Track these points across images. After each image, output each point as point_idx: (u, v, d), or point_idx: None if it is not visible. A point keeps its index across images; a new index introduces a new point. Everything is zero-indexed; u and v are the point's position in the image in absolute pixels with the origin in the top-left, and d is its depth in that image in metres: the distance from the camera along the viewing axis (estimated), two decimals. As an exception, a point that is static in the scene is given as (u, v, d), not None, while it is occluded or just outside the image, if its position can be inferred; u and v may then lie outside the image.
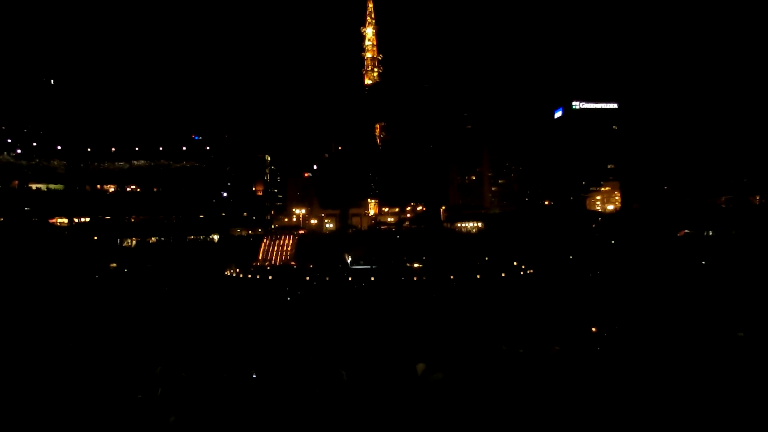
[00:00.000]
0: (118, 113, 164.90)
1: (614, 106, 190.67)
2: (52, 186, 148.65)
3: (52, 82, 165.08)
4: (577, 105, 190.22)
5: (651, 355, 14.16)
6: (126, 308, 74.51)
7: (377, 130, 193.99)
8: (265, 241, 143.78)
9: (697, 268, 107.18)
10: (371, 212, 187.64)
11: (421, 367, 12.63)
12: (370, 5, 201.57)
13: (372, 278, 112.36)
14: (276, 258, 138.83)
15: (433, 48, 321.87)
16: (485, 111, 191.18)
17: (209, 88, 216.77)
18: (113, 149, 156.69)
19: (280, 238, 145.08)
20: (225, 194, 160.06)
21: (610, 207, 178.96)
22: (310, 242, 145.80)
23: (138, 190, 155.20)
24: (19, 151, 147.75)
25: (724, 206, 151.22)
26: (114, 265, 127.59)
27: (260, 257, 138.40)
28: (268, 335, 53.65)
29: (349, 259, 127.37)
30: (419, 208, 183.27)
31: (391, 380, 12.55)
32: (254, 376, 12.97)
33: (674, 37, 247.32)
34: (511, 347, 16.46)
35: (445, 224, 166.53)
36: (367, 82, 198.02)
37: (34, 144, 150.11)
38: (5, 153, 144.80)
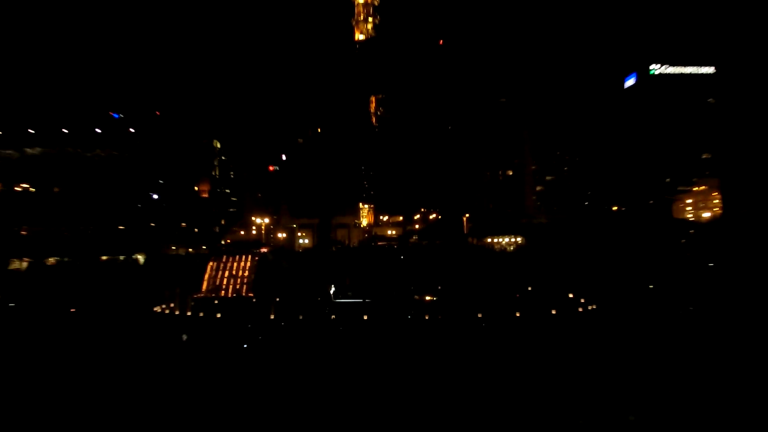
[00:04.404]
0: (4, 82, 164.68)
1: (710, 70, 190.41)
2: None
3: None
4: (656, 69, 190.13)
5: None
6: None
7: (372, 106, 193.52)
8: (211, 263, 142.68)
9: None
10: (364, 222, 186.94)
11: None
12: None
13: (365, 317, 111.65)
14: (228, 287, 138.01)
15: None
16: (526, 78, 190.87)
17: (131, 42, 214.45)
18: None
19: (233, 260, 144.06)
20: (155, 196, 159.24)
21: (707, 214, 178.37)
22: (276, 265, 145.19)
23: (31, 189, 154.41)
24: None
25: None
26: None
27: (205, 287, 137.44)
28: (212, 406, 52.84)
29: (333, 290, 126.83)
30: (432, 216, 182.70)
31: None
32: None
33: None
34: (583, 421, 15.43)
35: (469, 239, 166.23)
36: (359, 36, 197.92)
37: None
38: None
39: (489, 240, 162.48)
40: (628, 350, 77.64)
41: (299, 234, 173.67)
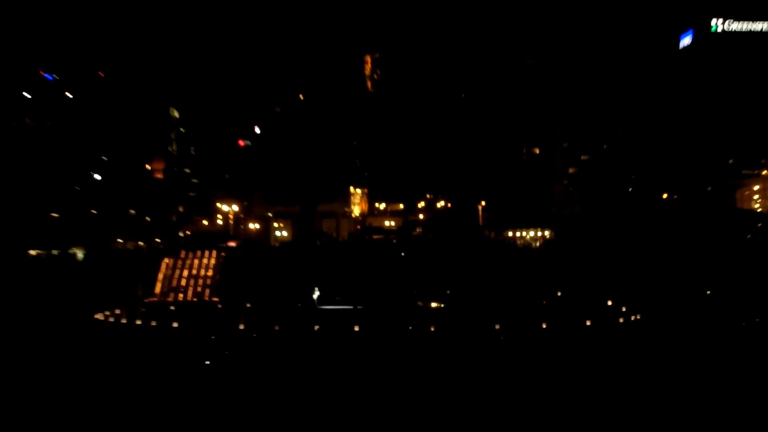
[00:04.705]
0: None
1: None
2: None
3: None
4: (719, 25, 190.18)
5: None
6: None
7: (367, 67, 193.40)
8: (167, 260, 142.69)
9: None
10: (356, 211, 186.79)
11: None
12: None
13: (356, 327, 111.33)
14: (187, 290, 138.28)
15: None
16: (557, 34, 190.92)
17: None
18: None
19: (194, 256, 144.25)
20: (97, 176, 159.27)
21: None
22: (246, 263, 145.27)
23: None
24: None
25: None
26: None
27: (158, 289, 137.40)
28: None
29: (317, 294, 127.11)
30: (440, 204, 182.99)
31: None
32: None
33: None
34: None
35: (485, 232, 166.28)
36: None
37: None
38: None
39: (510, 234, 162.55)
40: (681, 371, 77.30)
41: (276, 225, 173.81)
